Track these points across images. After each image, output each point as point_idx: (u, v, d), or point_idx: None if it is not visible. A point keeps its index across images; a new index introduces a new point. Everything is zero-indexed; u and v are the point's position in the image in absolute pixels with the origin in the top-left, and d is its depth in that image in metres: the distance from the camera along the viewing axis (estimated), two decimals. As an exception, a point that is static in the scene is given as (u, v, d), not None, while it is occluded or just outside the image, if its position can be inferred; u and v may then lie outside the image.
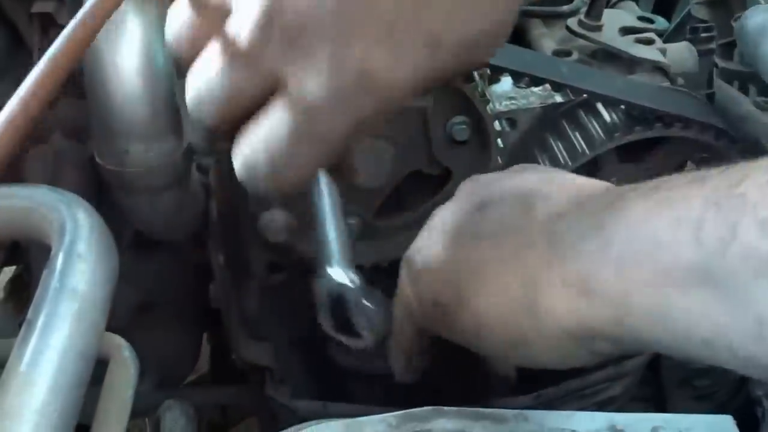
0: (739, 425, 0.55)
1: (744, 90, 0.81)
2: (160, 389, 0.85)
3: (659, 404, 0.79)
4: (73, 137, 0.71)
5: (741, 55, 0.76)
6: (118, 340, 0.40)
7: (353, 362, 0.72)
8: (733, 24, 0.81)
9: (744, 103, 0.74)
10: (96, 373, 0.33)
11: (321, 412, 0.67)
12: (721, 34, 0.78)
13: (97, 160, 0.50)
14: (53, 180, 0.72)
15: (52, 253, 0.33)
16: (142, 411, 0.73)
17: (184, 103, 0.53)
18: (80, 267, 0.33)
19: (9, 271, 0.88)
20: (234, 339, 0.65)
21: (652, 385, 0.77)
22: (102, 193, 0.67)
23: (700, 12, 0.86)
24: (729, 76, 0.80)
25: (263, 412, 0.83)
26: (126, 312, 0.74)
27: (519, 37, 0.72)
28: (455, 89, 0.55)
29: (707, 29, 0.73)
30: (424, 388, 0.78)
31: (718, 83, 0.71)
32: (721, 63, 0.78)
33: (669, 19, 0.87)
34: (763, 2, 0.77)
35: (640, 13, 0.72)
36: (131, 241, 0.68)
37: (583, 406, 0.68)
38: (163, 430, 0.45)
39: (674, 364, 0.78)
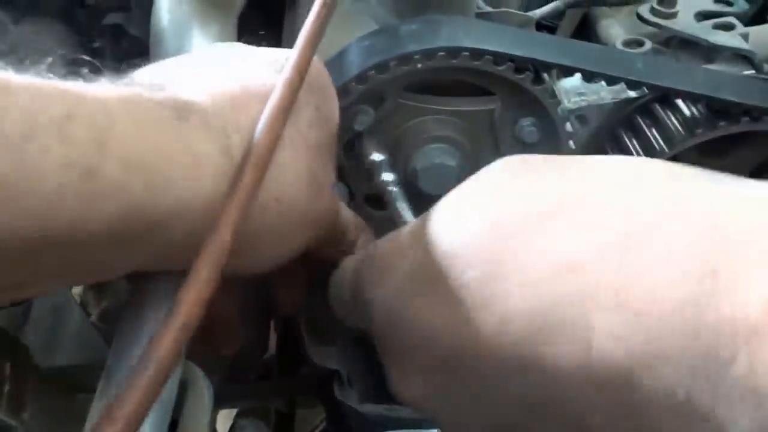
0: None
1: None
2: (230, 381, 0.86)
3: None
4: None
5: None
6: (192, 367, 0.40)
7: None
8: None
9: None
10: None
11: (387, 415, 0.66)
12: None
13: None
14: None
15: (127, 295, 0.33)
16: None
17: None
18: (158, 309, 0.32)
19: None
20: (304, 344, 0.64)
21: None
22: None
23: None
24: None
25: (329, 404, 0.83)
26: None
27: (586, 26, 0.68)
28: (524, 90, 0.52)
29: (792, 8, 0.68)
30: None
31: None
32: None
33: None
34: None
35: (717, -6, 0.67)
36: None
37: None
38: (238, 451, 0.44)
39: None
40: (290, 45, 0.62)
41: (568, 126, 0.54)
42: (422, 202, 0.57)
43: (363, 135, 0.53)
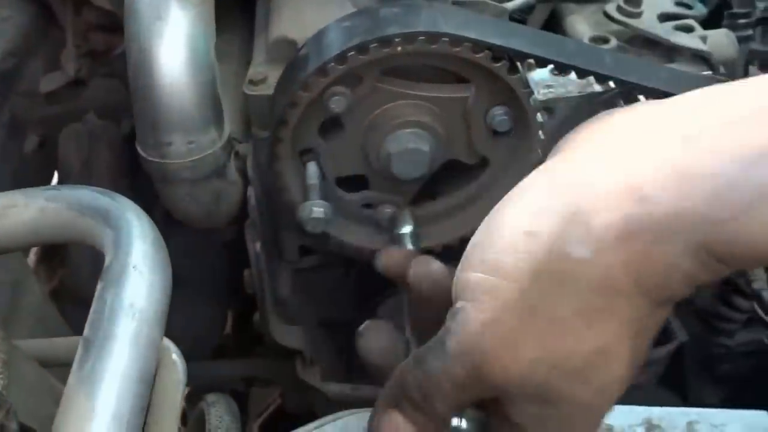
0: (771, 420, 0.53)
1: (764, 71, 0.77)
2: (185, 360, 0.84)
3: (679, 387, 0.78)
4: (106, 117, 0.69)
5: None
6: (166, 343, 0.38)
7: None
8: (758, 2, 0.77)
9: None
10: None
11: (351, 394, 0.65)
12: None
13: (139, 151, 0.47)
14: (87, 159, 0.69)
15: (106, 263, 0.31)
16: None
17: (225, 93, 0.51)
18: (136, 280, 0.30)
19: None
20: (268, 323, 0.63)
21: (673, 368, 0.76)
22: (134, 169, 0.65)
23: (726, -10, 0.81)
24: (749, 56, 0.76)
25: (287, 383, 0.82)
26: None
27: (554, 21, 0.68)
28: (498, 79, 0.52)
29: (746, 15, 0.70)
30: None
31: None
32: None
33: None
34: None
35: (677, -3, 0.68)
36: (162, 215, 0.66)
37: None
38: (209, 427, 0.42)
39: (696, 349, 0.77)
40: (264, 18, 0.60)
41: (539, 116, 0.54)
42: (394, 182, 0.56)
43: (340, 117, 0.52)
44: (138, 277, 0.30)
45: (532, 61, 0.53)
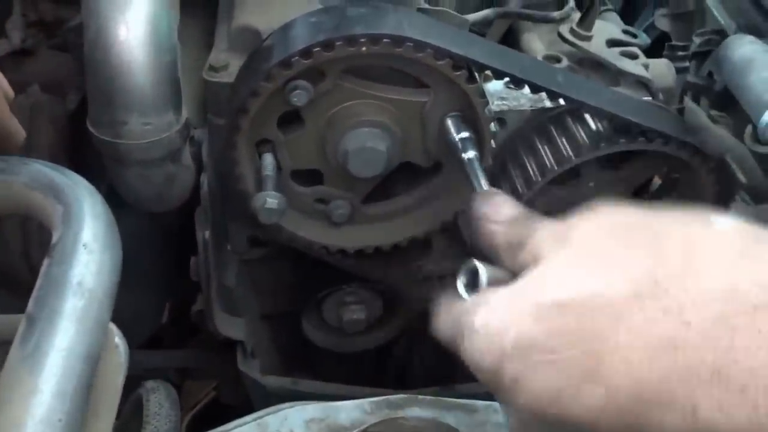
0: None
1: (696, 101, 0.80)
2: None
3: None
4: (51, 91, 0.65)
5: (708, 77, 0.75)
6: (110, 326, 0.36)
7: (325, 340, 0.69)
8: (695, 38, 0.80)
9: (701, 116, 0.73)
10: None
11: (291, 388, 0.64)
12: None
13: (91, 129, 0.45)
14: (29, 132, 0.65)
15: (54, 240, 0.29)
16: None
17: (183, 76, 0.49)
18: (86, 258, 0.28)
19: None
20: (211, 313, 0.61)
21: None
22: (76, 147, 0.61)
23: (662, 23, 0.84)
24: (684, 87, 0.78)
25: (224, 376, 0.80)
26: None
27: (510, 37, 0.69)
28: (456, 86, 0.52)
29: (684, 48, 0.72)
30: (392, 367, 0.76)
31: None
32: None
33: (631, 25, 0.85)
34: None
35: (624, 26, 0.70)
36: (105, 197, 0.64)
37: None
38: (147, 413, 0.40)
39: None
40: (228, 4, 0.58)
41: (492, 126, 0.54)
42: (349, 180, 0.55)
43: (300, 111, 0.51)
44: (88, 255, 0.28)
45: (489, 72, 0.54)
